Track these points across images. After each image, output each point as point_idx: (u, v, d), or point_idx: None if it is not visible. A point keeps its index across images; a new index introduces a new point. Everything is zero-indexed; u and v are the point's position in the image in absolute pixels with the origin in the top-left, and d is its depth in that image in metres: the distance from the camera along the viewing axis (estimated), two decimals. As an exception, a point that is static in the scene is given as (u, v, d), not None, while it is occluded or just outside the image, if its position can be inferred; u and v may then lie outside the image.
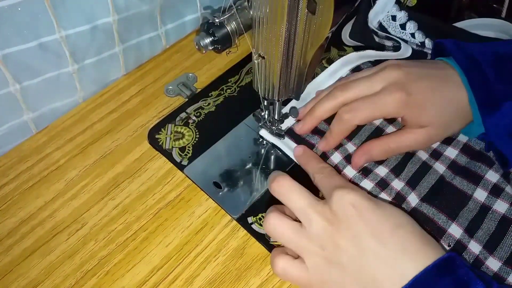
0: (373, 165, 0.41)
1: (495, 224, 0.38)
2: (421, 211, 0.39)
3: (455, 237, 0.37)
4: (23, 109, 0.45)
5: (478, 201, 0.39)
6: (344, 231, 0.31)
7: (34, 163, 0.45)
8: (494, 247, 0.37)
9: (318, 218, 0.32)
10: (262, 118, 0.44)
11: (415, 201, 0.39)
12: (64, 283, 0.38)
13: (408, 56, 0.49)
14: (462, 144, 0.43)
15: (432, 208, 0.39)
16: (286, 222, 0.34)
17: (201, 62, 0.54)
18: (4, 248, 0.40)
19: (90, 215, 0.42)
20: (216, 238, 0.40)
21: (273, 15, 0.33)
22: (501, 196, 0.39)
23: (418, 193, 0.40)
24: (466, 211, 0.39)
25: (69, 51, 0.45)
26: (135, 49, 0.51)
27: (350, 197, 0.32)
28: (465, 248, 0.37)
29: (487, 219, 0.38)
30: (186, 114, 0.48)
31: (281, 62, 0.36)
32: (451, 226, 0.38)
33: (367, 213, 0.32)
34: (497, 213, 0.38)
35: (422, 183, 0.40)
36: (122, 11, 0.46)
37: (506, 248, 0.37)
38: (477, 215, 0.38)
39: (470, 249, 0.37)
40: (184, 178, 0.44)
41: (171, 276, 0.38)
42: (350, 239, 0.31)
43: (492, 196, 0.39)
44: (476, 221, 0.38)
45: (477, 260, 0.36)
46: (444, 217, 0.38)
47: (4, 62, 0.40)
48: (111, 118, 0.49)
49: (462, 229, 0.38)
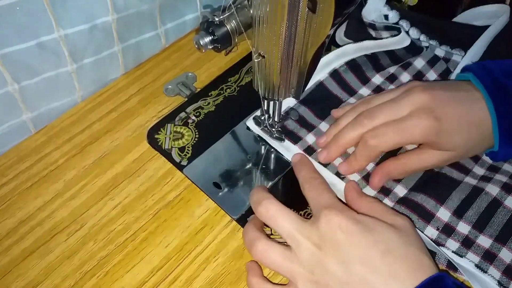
0: None
1: (486, 204, 0.39)
2: (409, 198, 0.40)
3: (444, 221, 0.38)
4: (22, 109, 0.45)
5: (470, 184, 0.40)
6: (332, 256, 0.31)
7: (33, 163, 0.45)
8: (484, 226, 0.38)
9: (306, 243, 0.32)
10: (262, 122, 0.44)
11: (403, 192, 0.40)
12: (63, 283, 0.38)
13: (407, 46, 0.50)
14: None
15: (421, 194, 0.39)
16: (275, 248, 0.34)
17: (201, 61, 0.53)
18: (3, 248, 0.40)
19: (89, 216, 0.41)
20: (216, 238, 0.40)
21: (273, 14, 0.33)
22: (491, 182, 0.40)
23: (404, 185, 0.41)
24: (458, 191, 0.39)
25: (68, 50, 0.44)
26: (134, 49, 0.51)
27: (338, 220, 0.32)
28: (454, 230, 0.38)
29: (478, 199, 0.39)
30: (185, 113, 0.48)
31: (281, 61, 0.36)
32: (440, 210, 0.39)
33: (355, 237, 0.31)
34: (489, 194, 0.39)
35: (408, 177, 0.41)
36: (122, 10, 0.46)
37: (495, 226, 0.38)
38: (468, 195, 0.39)
39: (459, 231, 0.38)
40: (184, 178, 0.44)
41: (170, 276, 0.38)
42: (339, 264, 0.31)
43: (482, 182, 0.40)
44: (467, 201, 0.39)
45: (467, 239, 0.37)
46: (432, 201, 0.39)
47: (2, 61, 0.40)
48: (110, 117, 0.49)
49: (450, 212, 0.39)
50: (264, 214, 0.35)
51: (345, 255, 0.31)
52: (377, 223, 0.33)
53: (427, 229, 0.38)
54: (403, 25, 0.50)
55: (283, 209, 0.34)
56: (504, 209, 0.38)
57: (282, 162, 0.44)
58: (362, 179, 0.41)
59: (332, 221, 0.32)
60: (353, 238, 0.31)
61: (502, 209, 0.38)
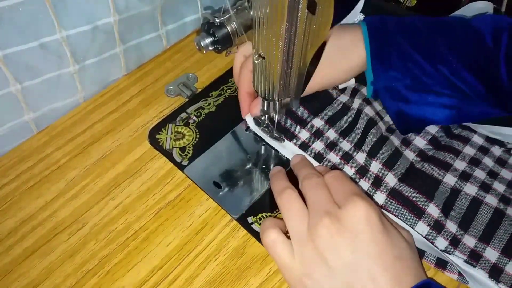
0: (353, 151, 0.44)
1: (466, 205, 0.40)
2: (400, 192, 0.41)
3: (434, 217, 0.39)
4: (24, 109, 0.45)
5: (448, 185, 0.41)
6: (348, 240, 0.31)
7: (35, 163, 0.45)
8: (467, 226, 0.39)
9: (325, 214, 0.32)
10: (262, 122, 0.45)
11: (394, 181, 0.41)
12: (64, 283, 0.38)
13: None
14: (431, 135, 0.45)
15: (410, 188, 0.41)
16: (300, 202, 0.34)
17: (202, 62, 0.54)
18: (5, 248, 0.40)
19: (90, 215, 0.42)
20: (216, 238, 0.40)
21: (273, 15, 0.33)
22: (470, 180, 0.41)
23: (395, 173, 0.41)
24: (439, 193, 0.41)
25: (70, 51, 0.45)
26: (135, 50, 0.52)
27: (366, 210, 0.32)
28: (443, 226, 0.39)
29: (458, 200, 0.40)
30: (186, 114, 0.48)
31: (281, 62, 0.36)
32: (429, 206, 0.40)
33: (378, 234, 0.31)
34: (467, 195, 0.40)
35: (397, 165, 0.42)
36: (123, 11, 0.46)
37: (478, 227, 0.39)
38: (449, 197, 0.40)
39: (448, 228, 0.39)
40: (185, 178, 0.44)
41: (171, 276, 0.38)
42: (352, 251, 0.31)
43: (461, 181, 0.41)
44: (449, 203, 0.40)
45: (455, 238, 0.38)
46: (422, 197, 0.40)
47: (5, 62, 0.41)
48: (112, 118, 0.49)
49: (439, 209, 0.40)
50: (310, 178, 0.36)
51: (362, 246, 0.31)
52: (395, 229, 0.33)
53: (418, 225, 0.39)
54: None
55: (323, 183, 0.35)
56: (485, 206, 0.39)
57: (282, 162, 0.45)
58: (356, 173, 0.42)
59: (361, 208, 0.32)
60: (375, 234, 0.31)
61: (484, 207, 0.39)
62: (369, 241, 0.31)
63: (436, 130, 0.45)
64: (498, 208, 0.39)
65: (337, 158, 0.43)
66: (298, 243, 0.33)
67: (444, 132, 0.45)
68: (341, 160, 0.43)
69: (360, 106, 0.46)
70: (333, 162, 0.43)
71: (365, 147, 0.43)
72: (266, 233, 0.34)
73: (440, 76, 0.41)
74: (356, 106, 0.46)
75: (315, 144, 0.44)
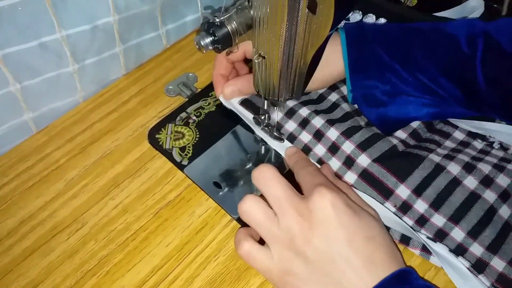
0: (326, 128, 0.43)
1: (445, 183, 0.39)
2: (370, 172, 0.40)
3: (402, 198, 0.40)
4: (23, 109, 0.45)
5: (433, 161, 0.41)
6: (318, 229, 0.32)
7: (34, 163, 0.45)
8: (440, 205, 0.39)
9: (292, 212, 0.33)
10: (262, 122, 0.45)
11: (367, 162, 0.41)
12: (64, 282, 0.38)
13: None
14: (412, 129, 0.45)
15: (382, 169, 0.40)
16: (262, 206, 0.34)
17: (202, 62, 0.54)
18: (4, 248, 0.40)
19: (90, 215, 0.42)
20: (216, 238, 0.40)
21: (274, 15, 0.33)
22: (454, 160, 0.41)
23: (369, 154, 0.41)
24: (420, 169, 0.40)
25: (70, 51, 0.45)
26: (135, 49, 0.52)
27: (331, 197, 0.32)
28: (411, 207, 0.39)
29: (439, 177, 0.40)
30: (186, 114, 0.48)
31: (281, 62, 0.36)
32: (399, 188, 0.40)
33: (345, 217, 0.32)
34: (449, 173, 0.40)
35: (374, 147, 0.42)
36: (123, 11, 0.46)
37: (451, 206, 0.39)
38: (430, 173, 0.40)
39: (416, 209, 0.39)
40: (184, 178, 0.44)
41: (171, 276, 0.38)
42: (324, 239, 0.32)
43: (445, 159, 0.41)
44: (428, 179, 0.40)
45: (422, 218, 0.39)
46: (393, 179, 0.40)
47: (4, 61, 0.41)
48: (111, 118, 0.49)
49: (410, 190, 0.40)
50: (257, 176, 0.35)
51: (332, 233, 0.32)
52: (363, 210, 0.34)
53: (385, 205, 0.40)
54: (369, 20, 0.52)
55: (277, 175, 0.34)
56: (462, 188, 0.39)
57: (282, 161, 0.44)
58: (343, 164, 0.42)
59: (326, 197, 0.32)
60: (343, 218, 0.32)
61: (461, 188, 0.39)
62: (337, 227, 0.32)
63: (418, 124, 0.45)
64: (474, 191, 0.39)
65: (309, 137, 0.44)
66: (274, 245, 0.33)
67: (425, 127, 0.45)
68: (313, 139, 0.43)
69: (338, 101, 0.47)
70: (304, 142, 0.43)
71: (339, 126, 0.43)
72: (239, 246, 0.34)
73: (417, 82, 0.41)
74: (333, 99, 0.47)
75: (287, 124, 0.44)
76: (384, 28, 0.43)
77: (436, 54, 0.40)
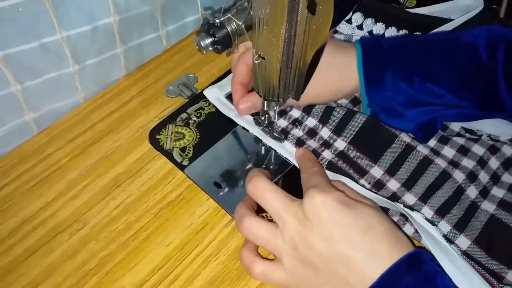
0: (303, 117, 0.46)
1: (416, 163, 0.41)
2: (347, 155, 0.42)
3: (376, 177, 0.41)
4: (24, 110, 0.45)
5: (403, 140, 0.42)
6: (316, 233, 0.32)
7: (35, 163, 0.45)
8: (412, 185, 0.40)
9: (292, 220, 0.33)
10: (262, 122, 0.45)
11: (343, 145, 0.43)
12: (65, 282, 0.38)
13: None
14: None
15: (357, 152, 0.42)
16: (261, 224, 0.34)
17: (202, 63, 0.54)
18: (6, 248, 0.40)
19: (91, 215, 0.42)
20: (217, 238, 0.40)
21: (273, 15, 0.33)
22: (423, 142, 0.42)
23: (344, 138, 0.43)
24: (391, 150, 0.42)
25: (70, 51, 0.45)
26: (136, 50, 0.52)
27: (321, 198, 0.33)
28: (384, 185, 0.41)
29: (410, 157, 0.41)
30: (186, 114, 0.48)
31: (281, 62, 0.36)
32: (373, 168, 0.42)
33: (338, 214, 0.32)
34: (419, 153, 0.41)
35: (348, 129, 0.43)
36: (123, 11, 0.47)
37: (422, 185, 0.40)
38: (400, 154, 0.41)
39: (388, 187, 0.41)
40: (185, 178, 0.44)
41: (171, 275, 0.38)
42: (323, 241, 0.32)
43: (415, 140, 0.42)
44: (399, 160, 0.41)
45: (394, 196, 0.40)
46: (367, 160, 0.42)
47: (5, 62, 0.41)
48: (112, 118, 0.49)
49: (382, 171, 0.41)
50: (253, 191, 0.35)
51: (328, 232, 0.32)
52: (358, 202, 0.34)
53: (360, 182, 0.41)
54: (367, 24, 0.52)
55: (271, 186, 0.35)
56: (434, 167, 0.40)
57: (282, 162, 0.45)
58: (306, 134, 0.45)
59: (315, 199, 0.33)
60: (335, 216, 0.32)
61: (432, 167, 0.40)
62: (331, 225, 0.32)
63: None
64: (445, 170, 0.40)
65: (286, 123, 0.45)
66: (284, 259, 0.34)
67: None
68: (290, 124, 0.45)
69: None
70: (281, 126, 0.45)
71: (316, 113, 0.45)
72: (252, 271, 0.35)
73: (435, 94, 0.41)
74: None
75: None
76: (400, 42, 0.42)
77: (455, 67, 0.40)
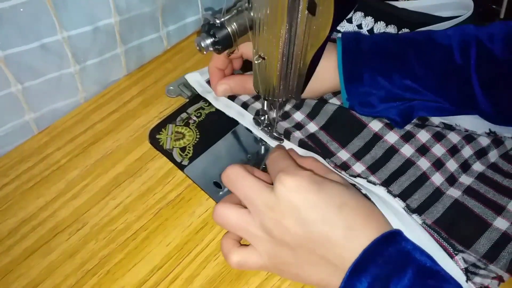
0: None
1: (382, 152, 0.42)
2: (317, 137, 0.44)
3: (342, 159, 0.43)
4: (25, 110, 0.45)
5: (372, 130, 0.43)
6: (290, 217, 0.32)
7: (35, 163, 0.45)
8: (376, 170, 0.41)
9: (263, 207, 0.33)
10: (262, 122, 0.45)
11: (314, 129, 0.45)
12: (64, 282, 0.38)
13: None
14: None
15: (327, 136, 0.44)
16: (234, 210, 0.34)
17: (202, 63, 0.54)
18: (5, 248, 0.40)
19: (91, 215, 0.42)
20: (216, 237, 0.40)
21: (273, 16, 0.33)
22: (393, 130, 0.43)
23: (317, 122, 0.45)
24: (359, 138, 0.43)
25: (71, 52, 0.45)
26: (136, 50, 0.52)
27: (291, 181, 0.33)
28: (349, 167, 0.42)
29: (376, 145, 0.42)
30: (186, 114, 0.49)
31: (281, 63, 0.36)
32: (340, 152, 0.43)
33: (311, 196, 0.32)
34: (386, 142, 0.42)
35: (320, 115, 0.45)
36: (124, 12, 0.47)
37: (386, 171, 0.41)
38: (367, 142, 0.43)
39: (354, 169, 0.42)
40: (185, 178, 0.44)
41: (171, 275, 0.38)
42: (298, 224, 0.32)
43: (385, 128, 0.43)
44: (365, 148, 0.43)
45: (359, 178, 0.41)
46: (336, 144, 0.43)
47: (6, 62, 0.41)
48: (112, 118, 0.49)
49: (349, 154, 0.43)
50: (226, 180, 0.36)
51: (303, 215, 0.32)
52: (327, 180, 0.34)
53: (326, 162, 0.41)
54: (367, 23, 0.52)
55: (243, 174, 0.35)
56: (399, 155, 0.41)
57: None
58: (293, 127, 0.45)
59: (286, 183, 0.32)
60: (308, 198, 0.32)
61: (397, 155, 0.41)
62: (306, 208, 0.32)
63: None
64: (410, 159, 0.41)
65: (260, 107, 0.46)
66: (258, 244, 0.34)
67: None
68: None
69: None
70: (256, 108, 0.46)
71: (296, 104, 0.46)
72: (229, 261, 0.35)
73: (414, 91, 0.42)
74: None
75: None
76: (379, 40, 0.43)
77: (431, 65, 0.41)
